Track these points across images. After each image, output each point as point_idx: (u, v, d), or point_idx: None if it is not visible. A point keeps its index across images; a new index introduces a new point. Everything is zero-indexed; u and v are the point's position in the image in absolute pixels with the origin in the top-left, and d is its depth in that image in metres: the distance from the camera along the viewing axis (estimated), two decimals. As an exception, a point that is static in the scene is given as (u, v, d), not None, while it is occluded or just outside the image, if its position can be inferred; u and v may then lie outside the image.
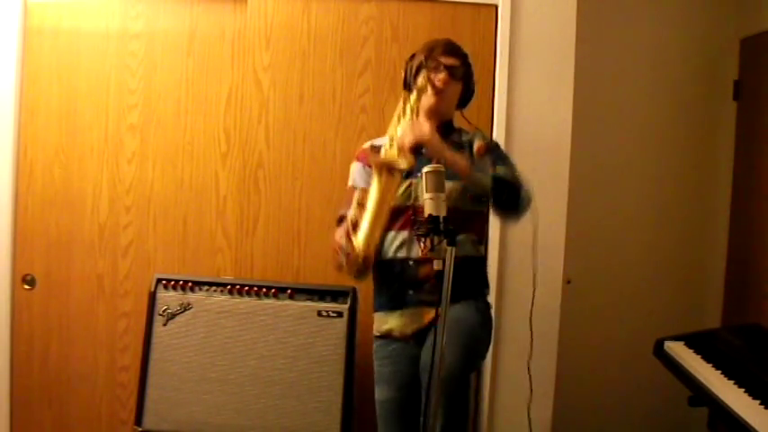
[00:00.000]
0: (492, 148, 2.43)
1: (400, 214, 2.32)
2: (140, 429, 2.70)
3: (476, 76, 2.50)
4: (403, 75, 2.46)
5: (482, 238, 2.46)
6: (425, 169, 2.04)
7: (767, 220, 3.17)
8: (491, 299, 2.87)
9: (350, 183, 2.53)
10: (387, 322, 2.39)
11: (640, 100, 3.51)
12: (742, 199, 3.42)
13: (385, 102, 2.99)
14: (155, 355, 2.73)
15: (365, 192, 2.29)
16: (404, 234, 2.32)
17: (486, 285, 2.49)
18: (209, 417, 2.69)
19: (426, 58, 2.36)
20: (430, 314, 2.28)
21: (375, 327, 2.47)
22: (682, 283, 3.54)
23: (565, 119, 2.97)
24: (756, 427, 1.93)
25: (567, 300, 3.02)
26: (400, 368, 2.38)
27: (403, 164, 2.19)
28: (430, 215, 1.97)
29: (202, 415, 2.69)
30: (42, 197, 3.03)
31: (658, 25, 3.50)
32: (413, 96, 2.31)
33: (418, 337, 2.33)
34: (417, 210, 2.28)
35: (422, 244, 1.97)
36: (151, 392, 2.71)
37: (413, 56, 2.46)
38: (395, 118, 2.32)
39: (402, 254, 2.33)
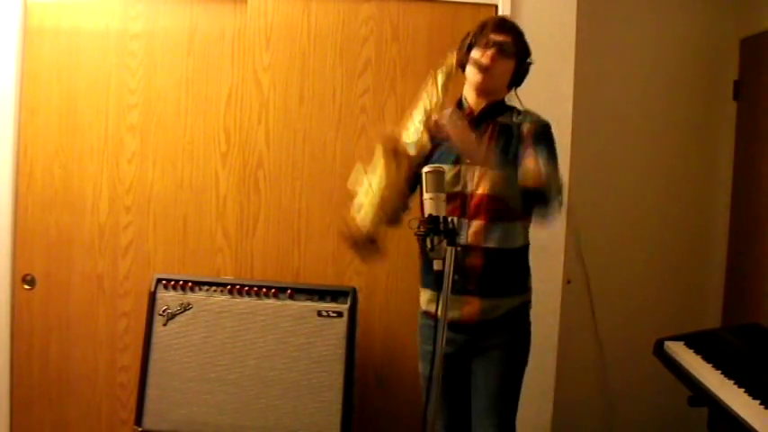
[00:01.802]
0: (539, 134, 2.27)
1: (450, 200, 2.17)
2: (140, 429, 2.70)
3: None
4: (456, 55, 2.34)
5: (528, 226, 2.37)
6: (425, 169, 2.03)
7: (767, 220, 3.17)
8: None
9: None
10: (430, 301, 2.35)
11: (640, 100, 3.51)
12: (742, 199, 3.42)
13: (385, 102, 2.99)
14: (155, 355, 2.72)
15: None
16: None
17: (530, 275, 2.41)
18: (209, 417, 2.68)
19: (476, 35, 2.28)
20: (472, 305, 2.25)
21: (421, 301, 2.42)
22: (682, 283, 3.54)
23: (565, 119, 2.97)
24: (756, 427, 1.93)
25: (566, 300, 3.02)
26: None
27: (412, 150, 2.14)
28: (430, 215, 1.97)
29: (202, 415, 2.69)
30: (42, 197, 3.03)
31: (658, 25, 3.50)
32: (441, 74, 2.23)
33: (457, 327, 2.26)
34: (468, 196, 2.25)
35: (422, 245, 1.96)
36: (151, 392, 2.71)
37: (466, 34, 2.36)
38: (424, 96, 2.24)
39: None
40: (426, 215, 1.98)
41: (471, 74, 2.28)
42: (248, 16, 2.99)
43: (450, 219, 1.98)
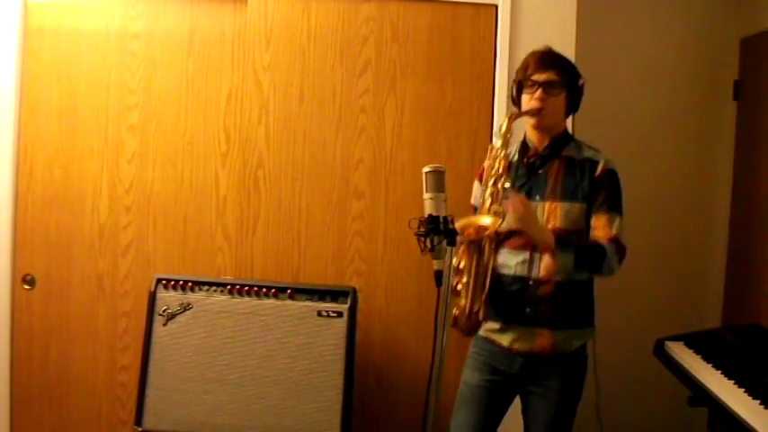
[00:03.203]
0: (612, 178, 2.34)
1: (520, 235, 2.27)
2: (140, 429, 2.70)
3: (476, 78, 2.46)
4: (510, 91, 2.43)
5: None
6: (426, 169, 2.04)
7: (767, 220, 3.17)
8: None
9: (472, 201, 2.49)
10: (495, 331, 2.36)
11: (640, 100, 3.51)
12: (742, 199, 3.42)
13: (385, 102, 2.99)
14: (155, 355, 2.72)
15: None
16: (525, 254, 2.28)
17: (593, 310, 2.46)
18: (209, 417, 2.68)
19: (523, 79, 2.33)
20: (545, 338, 2.29)
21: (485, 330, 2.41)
22: (682, 283, 3.54)
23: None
24: (756, 427, 1.93)
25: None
26: (496, 368, 2.37)
27: (488, 222, 2.13)
28: (430, 215, 1.97)
29: (202, 415, 2.69)
30: (42, 197, 3.03)
31: (658, 25, 3.50)
32: (498, 145, 2.24)
33: (525, 357, 2.32)
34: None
35: (422, 245, 1.97)
36: (151, 392, 2.71)
37: (516, 70, 2.41)
38: (487, 170, 2.25)
39: (522, 272, 2.29)
40: (426, 215, 1.98)
41: (527, 117, 2.32)
42: (248, 16, 2.99)
43: (449, 218, 1.98)
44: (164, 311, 2.75)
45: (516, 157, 2.39)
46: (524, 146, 2.40)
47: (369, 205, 3.01)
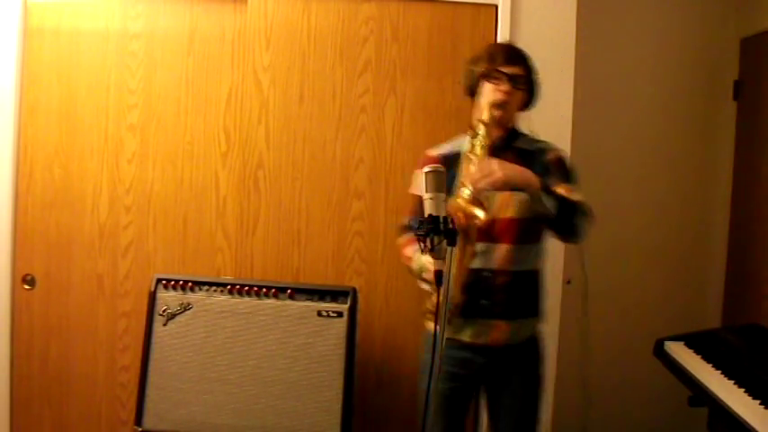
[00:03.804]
0: (564, 164, 2.38)
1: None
2: (140, 429, 2.70)
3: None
4: (463, 80, 2.40)
5: (543, 251, 2.43)
6: (426, 169, 2.03)
7: (767, 220, 3.17)
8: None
9: (412, 191, 2.48)
10: (454, 329, 2.35)
11: (640, 100, 3.51)
12: (742, 199, 3.42)
13: (385, 102, 2.99)
14: (155, 355, 2.72)
15: None
16: (482, 245, 2.27)
17: (543, 299, 2.46)
18: (209, 417, 2.68)
19: (488, 69, 2.31)
20: (500, 329, 2.29)
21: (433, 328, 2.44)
22: (682, 283, 3.54)
23: (565, 119, 2.97)
24: (756, 427, 1.93)
25: (567, 300, 3.02)
26: (458, 372, 2.37)
27: (482, 215, 2.11)
28: (430, 215, 1.96)
29: (202, 415, 2.69)
30: (42, 197, 3.03)
31: (658, 25, 3.50)
32: (480, 134, 2.23)
33: (481, 351, 2.32)
34: (492, 222, 2.25)
35: (422, 244, 1.96)
36: (151, 392, 2.71)
37: (473, 59, 2.39)
38: (464, 163, 2.24)
39: (479, 264, 2.29)
40: (426, 215, 1.98)
41: (489, 109, 2.29)
42: (248, 16, 2.99)
43: (449, 218, 1.98)
44: (164, 311, 2.75)
45: (467, 148, 2.36)
46: (475, 136, 2.35)
47: (369, 205, 3.01)
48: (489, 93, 2.30)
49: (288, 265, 3.01)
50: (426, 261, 2.21)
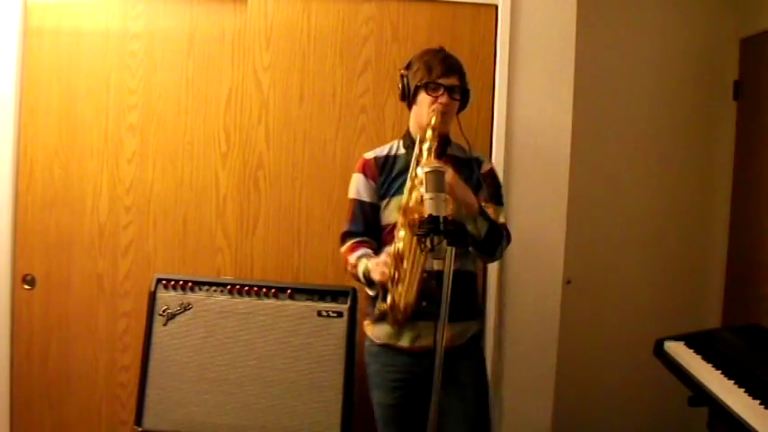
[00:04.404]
0: (495, 176, 2.50)
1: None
2: (140, 429, 2.70)
3: (476, 78, 2.49)
4: (400, 85, 2.44)
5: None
6: (426, 169, 2.04)
7: (767, 220, 3.17)
8: (492, 304, 2.90)
9: (352, 195, 2.51)
10: (393, 334, 2.38)
11: (640, 100, 3.51)
12: (742, 199, 3.42)
13: (385, 102, 2.99)
14: (155, 355, 2.72)
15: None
16: None
17: (482, 300, 2.51)
18: (209, 417, 2.68)
19: (426, 81, 2.34)
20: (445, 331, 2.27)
21: (374, 335, 2.47)
22: (682, 283, 3.55)
23: (565, 119, 2.97)
24: (756, 427, 1.93)
25: (567, 300, 3.02)
26: (405, 377, 2.39)
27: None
28: (430, 215, 1.96)
29: (202, 415, 2.69)
30: (42, 197, 3.03)
31: (658, 25, 3.50)
32: (428, 135, 2.25)
33: (424, 355, 2.30)
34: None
35: (422, 245, 1.96)
36: (151, 392, 2.71)
37: (408, 65, 2.44)
38: (413, 162, 2.27)
39: None
40: (426, 215, 1.98)
41: (426, 117, 2.32)
42: (248, 16, 2.99)
43: (450, 218, 1.98)
44: (164, 311, 2.75)
45: (402, 152, 2.46)
46: (410, 141, 2.44)
47: (369, 205, 3.00)
48: (427, 104, 2.34)
49: (288, 265, 3.01)
50: (370, 263, 2.26)
